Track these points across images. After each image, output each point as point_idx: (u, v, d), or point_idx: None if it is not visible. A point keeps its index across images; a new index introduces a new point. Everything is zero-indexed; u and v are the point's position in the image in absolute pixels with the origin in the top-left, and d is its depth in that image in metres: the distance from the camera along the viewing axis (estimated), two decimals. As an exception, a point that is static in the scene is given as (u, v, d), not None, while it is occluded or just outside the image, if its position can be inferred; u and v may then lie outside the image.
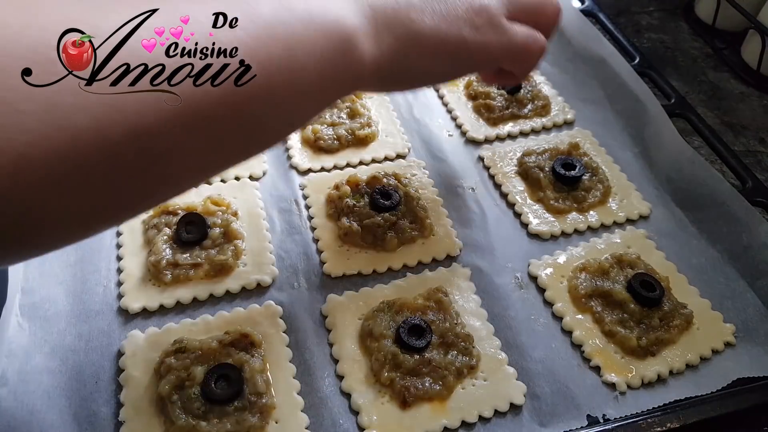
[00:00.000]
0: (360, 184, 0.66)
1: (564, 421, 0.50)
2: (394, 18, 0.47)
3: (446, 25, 0.49)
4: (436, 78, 0.58)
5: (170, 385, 0.48)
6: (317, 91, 0.43)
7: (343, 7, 0.45)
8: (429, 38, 0.48)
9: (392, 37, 0.47)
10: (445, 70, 0.54)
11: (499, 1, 0.52)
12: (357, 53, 0.44)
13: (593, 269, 0.60)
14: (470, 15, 0.50)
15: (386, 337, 0.53)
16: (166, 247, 0.58)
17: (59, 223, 0.35)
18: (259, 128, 0.42)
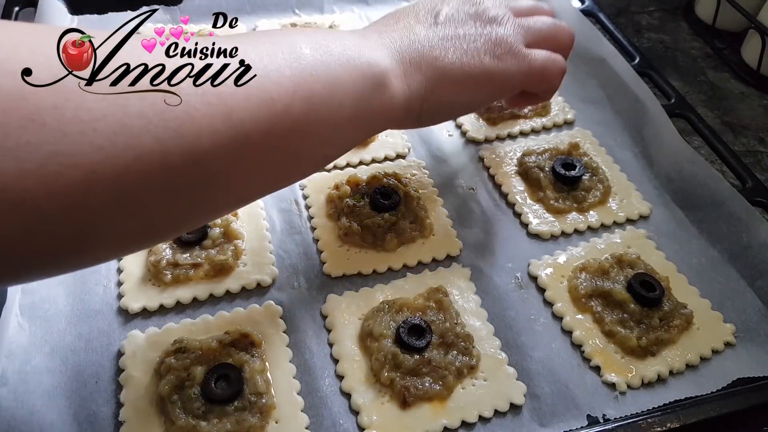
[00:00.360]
0: (360, 184, 0.66)
1: (564, 421, 0.50)
2: (419, 58, 0.51)
3: (468, 58, 0.52)
4: (464, 108, 0.61)
5: (170, 385, 0.48)
6: (352, 126, 0.47)
7: (375, 50, 0.49)
8: (454, 72, 0.52)
9: (420, 75, 0.51)
10: (472, 100, 0.58)
11: (516, 31, 0.55)
12: (389, 92, 0.48)
13: (593, 269, 0.60)
14: (490, 46, 0.53)
15: (386, 337, 0.53)
16: (166, 247, 0.58)
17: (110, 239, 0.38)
18: (298, 158, 0.45)
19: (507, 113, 0.77)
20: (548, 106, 0.79)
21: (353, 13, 0.91)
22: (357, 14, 0.91)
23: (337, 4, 0.92)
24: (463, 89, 0.54)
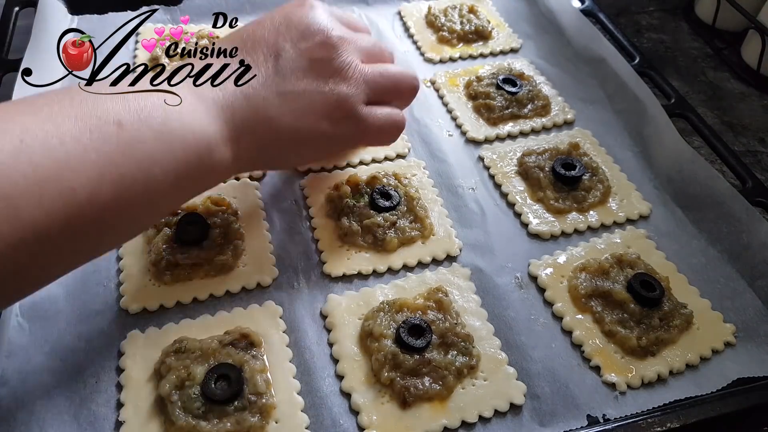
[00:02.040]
0: (360, 184, 0.66)
1: (564, 421, 0.50)
2: (254, 119, 0.49)
3: (304, 121, 0.51)
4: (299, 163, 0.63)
5: (170, 385, 0.48)
6: (173, 196, 0.47)
7: (201, 116, 0.47)
8: (288, 134, 0.51)
9: (253, 136, 0.50)
10: (306, 158, 0.60)
11: (358, 89, 0.54)
12: (216, 158, 0.47)
13: (593, 269, 0.60)
14: (328, 110, 0.52)
15: (386, 337, 0.53)
16: (166, 247, 0.58)
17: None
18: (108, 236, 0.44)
19: (507, 113, 0.77)
20: (548, 106, 0.79)
21: (353, 12, 0.91)
22: (357, 14, 0.91)
23: (337, 4, 0.92)
24: (296, 150, 0.54)
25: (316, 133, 0.52)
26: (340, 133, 0.53)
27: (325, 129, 0.52)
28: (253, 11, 0.88)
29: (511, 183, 0.69)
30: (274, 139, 0.51)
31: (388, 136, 0.59)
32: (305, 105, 0.51)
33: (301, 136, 0.52)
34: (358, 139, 0.57)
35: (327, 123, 0.52)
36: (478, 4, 0.93)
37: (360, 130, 0.55)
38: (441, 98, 0.80)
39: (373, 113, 0.55)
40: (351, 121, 0.53)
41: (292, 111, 0.50)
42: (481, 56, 0.87)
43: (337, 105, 0.52)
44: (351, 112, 0.53)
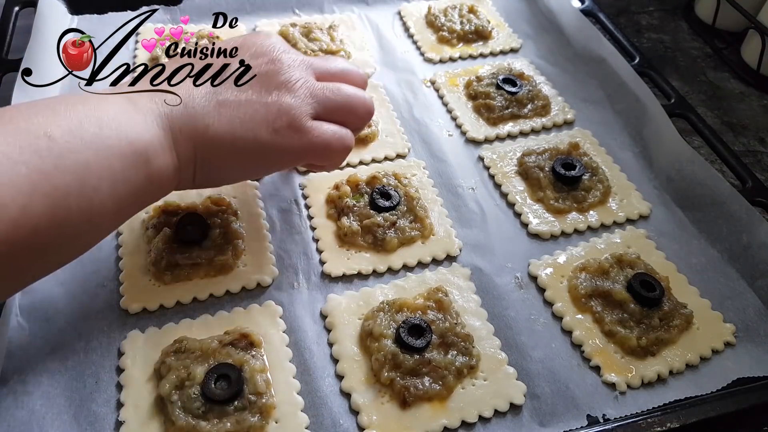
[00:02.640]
0: (360, 184, 0.66)
1: (564, 421, 0.50)
2: (191, 126, 0.48)
3: (243, 129, 0.49)
4: (242, 178, 0.58)
5: (170, 385, 0.48)
6: (114, 210, 0.45)
7: (137, 124, 0.46)
8: (225, 144, 0.49)
9: (190, 145, 0.48)
10: (247, 172, 0.56)
11: (305, 101, 0.52)
12: (155, 167, 0.46)
13: (593, 269, 0.60)
14: (270, 118, 0.50)
15: (386, 337, 0.53)
16: (166, 247, 0.58)
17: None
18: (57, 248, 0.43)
19: (507, 113, 0.77)
20: (548, 106, 0.79)
21: (353, 13, 0.91)
22: (357, 14, 0.91)
23: (337, 4, 0.92)
24: (234, 162, 0.51)
25: (253, 143, 0.50)
26: (281, 144, 0.51)
27: (264, 138, 0.50)
28: (253, 11, 0.88)
29: (511, 183, 0.69)
30: (211, 148, 0.49)
31: (334, 154, 0.56)
32: (244, 114, 0.49)
33: (239, 146, 0.49)
34: (302, 153, 0.53)
35: (267, 132, 0.50)
36: (478, 4, 0.93)
37: (303, 142, 0.52)
38: (441, 98, 0.80)
39: (319, 127, 0.53)
40: (293, 131, 0.51)
41: (230, 120, 0.49)
42: (481, 56, 0.87)
43: (278, 114, 0.50)
44: (293, 122, 0.51)
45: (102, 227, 0.46)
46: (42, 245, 0.41)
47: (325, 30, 0.85)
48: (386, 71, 0.83)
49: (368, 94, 0.59)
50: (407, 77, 0.82)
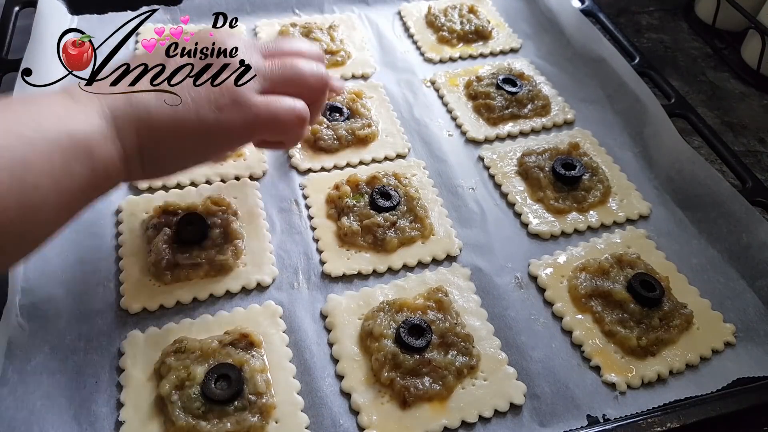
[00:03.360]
0: (360, 184, 0.66)
1: (564, 421, 0.50)
2: (133, 113, 0.47)
3: (183, 111, 0.48)
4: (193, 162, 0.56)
5: (170, 385, 0.48)
6: (59, 203, 0.44)
7: (77, 116, 0.45)
8: (167, 127, 0.48)
9: (135, 133, 0.47)
10: (196, 155, 0.53)
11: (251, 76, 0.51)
12: (99, 158, 0.45)
13: (593, 269, 0.60)
14: (213, 96, 0.49)
15: (386, 337, 0.53)
16: (166, 247, 0.58)
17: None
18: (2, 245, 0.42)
19: (507, 113, 0.77)
20: (548, 106, 0.79)
21: (353, 13, 0.91)
22: (357, 14, 0.91)
23: (337, 4, 0.92)
24: (180, 144, 0.50)
25: (196, 123, 0.48)
26: (226, 122, 0.49)
27: (209, 118, 0.48)
28: (253, 11, 0.88)
29: (511, 183, 0.69)
30: (155, 134, 0.48)
31: (286, 126, 0.54)
32: (185, 94, 0.48)
33: (183, 129, 0.48)
34: (250, 128, 0.52)
35: (210, 111, 0.49)
36: (478, 4, 0.93)
37: (249, 117, 0.50)
38: (441, 98, 0.80)
39: (266, 99, 0.51)
40: (238, 107, 0.50)
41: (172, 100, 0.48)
42: (481, 56, 0.87)
43: (220, 91, 0.49)
44: (237, 98, 0.49)
45: (49, 224, 0.45)
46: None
47: (325, 30, 0.85)
48: (386, 71, 0.83)
49: (321, 64, 0.57)
50: (407, 77, 0.82)
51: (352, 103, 0.75)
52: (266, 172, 0.69)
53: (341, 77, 0.81)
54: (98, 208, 0.62)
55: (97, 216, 0.62)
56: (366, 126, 0.73)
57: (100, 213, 0.62)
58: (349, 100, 0.75)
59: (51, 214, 0.44)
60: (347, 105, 0.74)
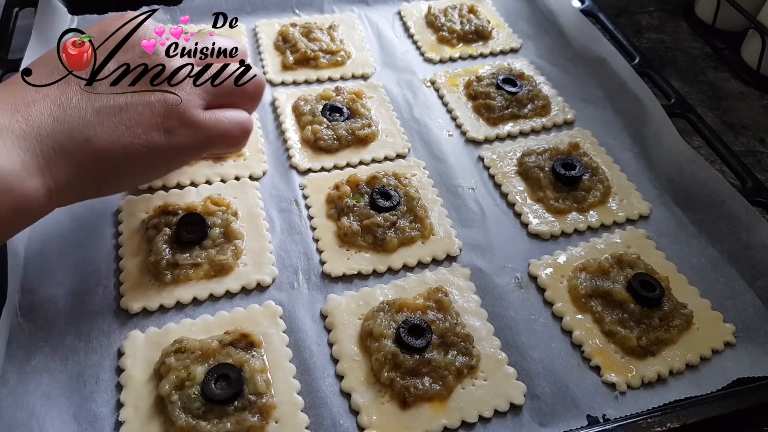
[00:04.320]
0: (360, 184, 0.66)
1: (564, 421, 0.50)
2: (67, 142, 0.44)
3: (131, 137, 0.46)
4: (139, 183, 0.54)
5: (170, 385, 0.48)
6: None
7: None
8: (115, 155, 0.46)
9: (70, 163, 0.45)
10: (145, 177, 0.53)
11: (192, 94, 0.49)
12: (19, 194, 0.43)
13: (593, 269, 0.60)
14: (159, 120, 0.47)
15: (386, 337, 0.53)
16: (166, 247, 0.58)
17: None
18: None
19: (507, 113, 0.77)
20: (548, 106, 0.79)
21: (353, 13, 0.91)
22: (357, 14, 0.91)
23: (337, 4, 0.92)
24: (129, 170, 0.48)
25: (148, 148, 0.47)
26: (177, 143, 0.48)
27: (157, 141, 0.47)
28: (253, 11, 0.89)
29: (511, 183, 0.69)
30: (96, 161, 0.45)
31: (235, 141, 0.54)
32: (128, 119, 0.46)
33: (130, 154, 0.46)
34: (200, 147, 0.51)
35: (159, 134, 0.47)
36: (478, 4, 0.93)
37: (200, 137, 0.49)
38: (441, 98, 0.80)
39: (213, 117, 0.50)
40: (187, 128, 0.48)
41: (114, 128, 0.45)
42: (481, 56, 0.87)
43: (167, 113, 0.47)
44: (185, 119, 0.48)
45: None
46: None
47: (325, 30, 0.85)
48: (386, 71, 0.83)
49: (258, 69, 0.56)
50: (407, 77, 0.82)
51: (352, 103, 0.75)
52: (266, 172, 0.69)
53: (341, 77, 0.81)
54: (98, 208, 0.62)
55: (97, 216, 0.62)
56: (366, 126, 0.73)
57: (100, 213, 0.62)
58: (349, 100, 0.75)
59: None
60: (347, 105, 0.74)
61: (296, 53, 0.81)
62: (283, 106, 0.75)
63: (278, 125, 0.74)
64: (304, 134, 0.72)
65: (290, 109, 0.75)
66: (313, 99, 0.75)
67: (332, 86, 0.77)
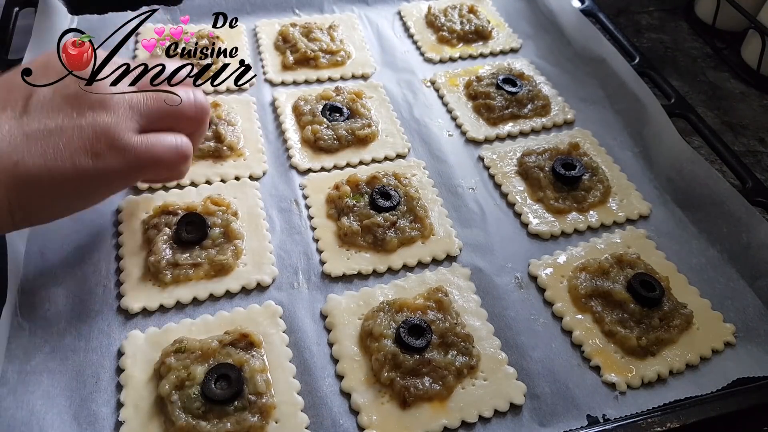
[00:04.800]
0: (360, 184, 0.66)
1: (564, 421, 0.50)
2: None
3: (56, 161, 0.44)
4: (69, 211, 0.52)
5: (170, 385, 0.48)
6: None
7: None
8: (40, 179, 0.44)
9: (1, 188, 0.44)
10: (74, 204, 0.50)
11: (124, 116, 0.48)
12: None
13: (593, 269, 0.60)
14: (88, 143, 0.46)
15: (386, 337, 0.53)
16: (166, 247, 0.58)
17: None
18: None
19: (507, 113, 0.77)
20: (548, 106, 0.79)
21: (353, 12, 0.91)
22: (357, 14, 0.91)
23: (337, 4, 0.92)
24: (56, 197, 0.47)
25: (72, 173, 0.45)
26: (105, 168, 0.46)
27: (85, 166, 0.45)
28: (253, 11, 0.89)
29: (511, 183, 0.69)
30: (25, 187, 0.44)
31: (169, 166, 0.51)
32: (57, 142, 0.44)
33: (58, 180, 0.45)
34: (132, 173, 0.49)
35: (87, 159, 0.45)
36: (478, 4, 0.93)
37: (130, 161, 0.47)
38: (441, 98, 0.80)
39: (145, 141, 0.48)
40: (116, 151, 0.46)
41: (42, 151, 0.44)
42: (481, 56, 0.87)
43: (96, 136, 0.46)
44: (114, 142, 0.46)
45: None
46: None
47: (325, 30, 0.85)
48: (386, 71, 0.83)
49: (199, 92, 0.54)
50: (407, 77, 0.82)
51: (352, 103, 0.75)
52: (266, 172, 0.69)
53: (341, 77, 0.81)
54: (98, 208, 0.62)
55: (97, 216, 0.62)
56: (366, 126, 0.73)
57: (100, 213, 0.62)
58: (349, 100, 0.75)
59: None
60: (347, 105, 0.74)
61: (296, 53, 0.81)
62: (283, 106, 0.75)
63: (278, 125, 0.74)
64: (304, 134, 0.72)
65: (290, 109, 0.75)
66: (313, 99, 0.75)
67: (332, 86, 0.78)
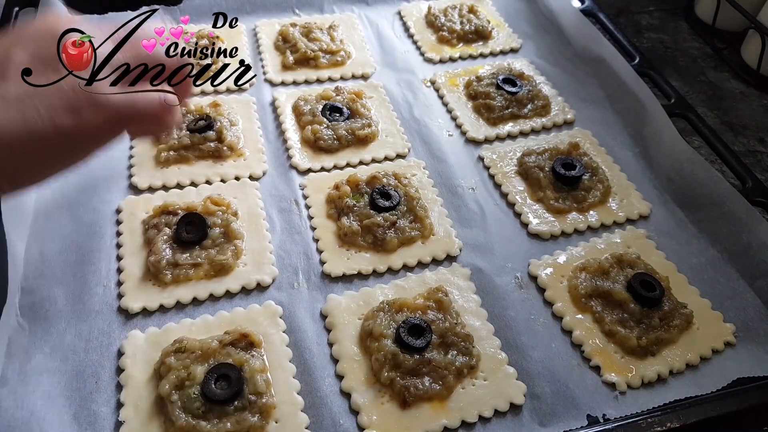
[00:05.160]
0: (360, 184, 0.66)
1: (564, 421, 0.50)
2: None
3: (39, 121, 0.43)
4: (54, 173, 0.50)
5: (170, 384, 0.48)
6: None
7: None
8: (19, 139, 0.43)
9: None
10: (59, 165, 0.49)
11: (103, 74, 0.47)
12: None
13: (593, 269, 0.60)
14: (67, 102, 0.45)
15: (386, 337, 0.53)
16: (166, 247, 0.58)
17: None
18: None
19: (507, 113, 0.77)
20: (548, 106, 0.79)
21: (353, 12, 0.91)
22: (357, 14, 0.91)
23: (337, 4, 0.92)
24: (40, 159, 0.46)
25: (53, 132, 0.44)
26: (87, 125, 0.45)
27: (67, 124, 0.44)
28: (253, 11, 0.89)
29: (511, 183, 0.69)
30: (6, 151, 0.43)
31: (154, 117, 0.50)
32: (37, 104, 0.44)
33: (41, 141, 0.44)
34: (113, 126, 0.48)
35: (67, 115, 0.44)
36: (478, 4, 0.93)
37: (112, 113, 0.46)
38: (441, 98, 0.80)
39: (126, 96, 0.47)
40: (94, 108, 0.46)
41: (21, 112, 0.43)
42: (481, 56, 0.87)
43: (75, 94, 0.45)
44: (93, 97, 0.45)
45: None
46: None
47: (325, 30, 0.85)
48: (386, 71, 0.83)
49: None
50: (407, 77, 0.82)
51: (352, 103, 0.75)
52: (266, 172, 0.69)
53: (341, 77, 0.81)
54: (98, 208, 0.62)
55: (97, 216, 0.62)
56: (366, 126, 0.73)
57: (100, 213, 0.62)
58: (349, 100, 0.75)
59: None
60: (347, 105, 0.74)
61: (296, 53, 0.81)
62: (283, 106, 0.75)
63: (278, 125, 0.74)
64: (304, 134, 0.72)
65: (290, 109, 0.75)
66: (313, 99, 0.75)
67: (332, 86, 0.78)
